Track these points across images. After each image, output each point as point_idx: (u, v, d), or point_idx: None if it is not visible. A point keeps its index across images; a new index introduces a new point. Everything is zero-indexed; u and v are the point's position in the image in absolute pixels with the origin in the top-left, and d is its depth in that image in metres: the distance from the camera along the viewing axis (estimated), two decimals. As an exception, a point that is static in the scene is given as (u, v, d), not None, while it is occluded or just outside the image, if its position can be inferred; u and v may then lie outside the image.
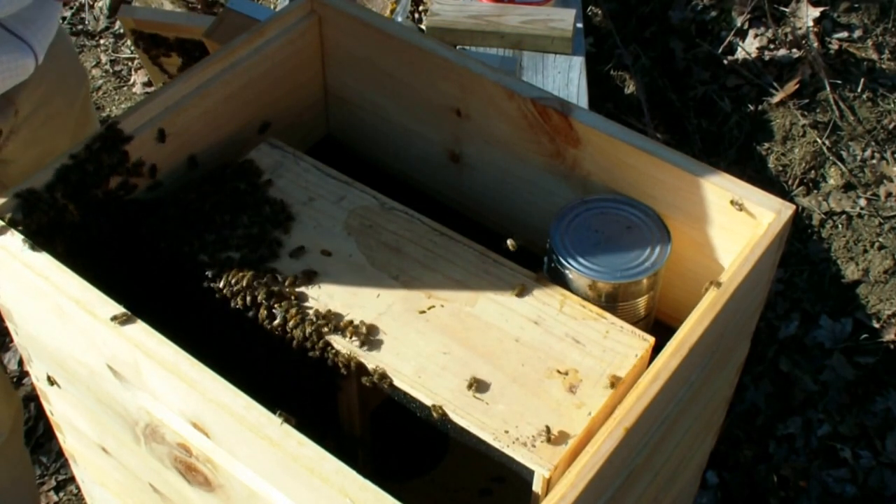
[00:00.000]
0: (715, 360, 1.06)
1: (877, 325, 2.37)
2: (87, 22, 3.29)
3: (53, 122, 1.50)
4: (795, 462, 2.16)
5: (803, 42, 2.86)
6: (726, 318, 0.99)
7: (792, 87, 2.77)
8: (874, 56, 2.84)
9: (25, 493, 1.88)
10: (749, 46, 2.91)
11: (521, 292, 1.04)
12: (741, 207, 1.05)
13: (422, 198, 1.31)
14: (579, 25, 2.11)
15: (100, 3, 3.29)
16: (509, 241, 1.12)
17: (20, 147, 1.45)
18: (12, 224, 1.02)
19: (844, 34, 2.89)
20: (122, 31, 3.14)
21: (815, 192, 2.64)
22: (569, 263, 1.06)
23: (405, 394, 0.98)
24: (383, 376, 0.98)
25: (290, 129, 1.30)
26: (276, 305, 1.03)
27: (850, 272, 2.47)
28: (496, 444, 0.92)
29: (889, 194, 2.61)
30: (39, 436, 2.21)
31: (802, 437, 2.20)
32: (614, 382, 0.96)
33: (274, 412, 0.87)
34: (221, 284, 1.05)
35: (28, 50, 1.31)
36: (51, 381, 1.19)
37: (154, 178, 1.15)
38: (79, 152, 1.08)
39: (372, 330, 1.01)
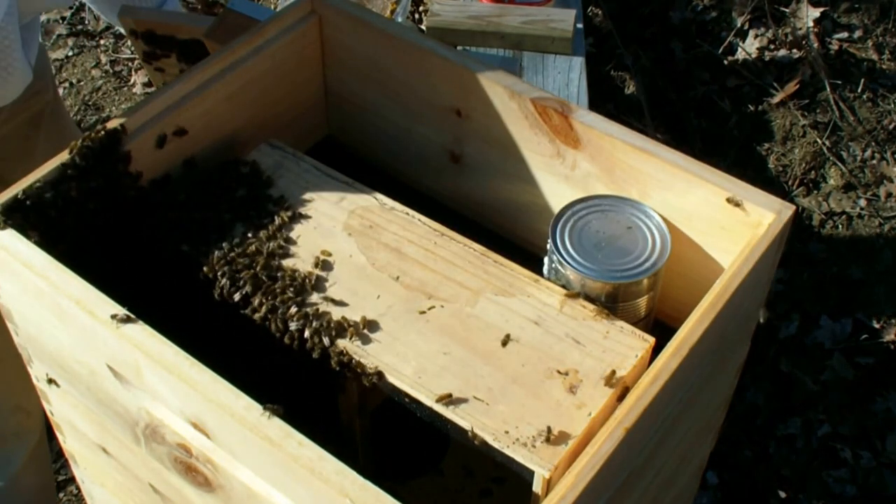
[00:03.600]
0: (715, 360, 1.06)
1: (877, 326, 2.37)
2: (87, 22, 3.29)
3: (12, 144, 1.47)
4: (795, 462, 2.16)
5: (803, 42, 2.86)
6: (726, 319, 0.99)
7: (792, 87, 2.78)
8: (874, 56, 2.84)
9: (51, 498, 1.88)
10: (749, 47, 2.91)
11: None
12: (738, 205, 1.05)
13: (422, 198, 1.31)
14: (579, 26, 2.11)
15: (100, 3, 3.29)
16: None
17: None
18: (12, 224, 1.02)
19: (844, 34, 2.89)
20: (121, 30, 3.14)
21: (816, 192, 2.64)
22: (569, 263, 1.06)
23: (405, 394, 0.98)
24: (383, 377, 0.98)
25: (290, 129, 1.30)
26: (276, 306, 1.03)
27: (851, 272, 2.47)
28: (496, 445, 0.92)
29: (889, 195, 2.61)
30: (40, 436, 2.20)
31: (802, 437, 2.20)
32: (611, 381, 0.96)
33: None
34: (221, 285, 1.05)
35: (29, 70, 1.28)
36: (50, 381, 1.19)
37: (154, 178, 1.15)
38: (79, 152, 1.08)
39: (372, 330, 1.01)
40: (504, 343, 1.00)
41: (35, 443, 1.70)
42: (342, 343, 1.00)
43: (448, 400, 0.95)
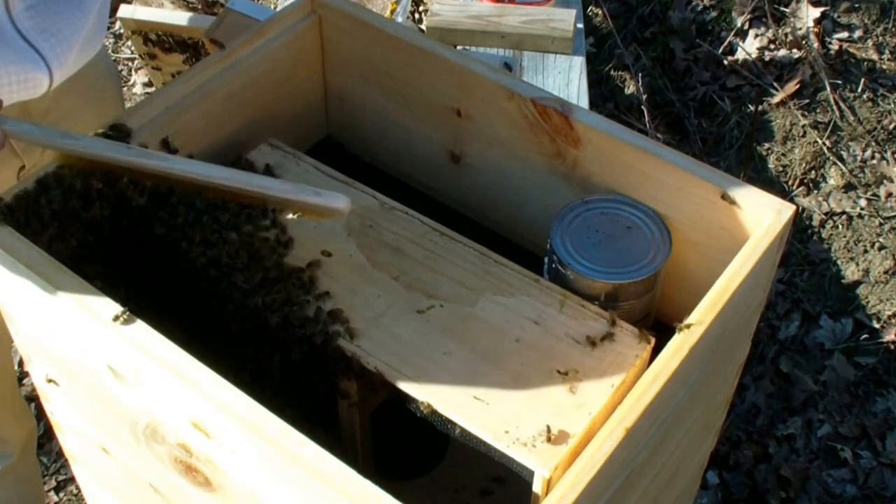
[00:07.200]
0: (715, 360, 1.06)
1: (877, 326, 2.37)
2: (87, 22, 3.28)
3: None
4: (795, 462, 2.16)
5: (803, 42, 2.86)
6: (726, 319, 0.99)
7: (792, 87, 2.77)
8: (874, 56, 2.84)
9: None
10: (749, 47, 2.91)
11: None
12: (732, 202, 1.05)
13: (422, 198, 1.31)
14: (580, 26, 2.11)
15: (100, 4, 3.29)
16: None
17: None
18: (12, 223, 1.02)
19: (845, 34, 2.89)
20: (122, 31, 3.14)
21: (816, 192, 2.64)
22: (569, 263, 1.06)
23: (405, 394, 0.98)
24: (383, 376, 0.98)
25: (290, 129, 1.30)
26: (276, 306, 1.03)
27: (851, 272, 2.47)
28: (496, 445, 0.92)
29: (889, 194, 2.61)
30: (40, 436, 2.20)
31: (802, 437, 2.20)
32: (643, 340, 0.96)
33: (275, 412, 0.87)
34: (222, 285, 1.05)
35: (41, 63, 1.18)
36: (50, 381, 1.19)
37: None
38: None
39: (372, 330, 1.01)
40: (504, 343, 1.00)
41: (13, 461, 1.69)
42: (342, 343, 1.00)
43: (448, 400, 0.95)
